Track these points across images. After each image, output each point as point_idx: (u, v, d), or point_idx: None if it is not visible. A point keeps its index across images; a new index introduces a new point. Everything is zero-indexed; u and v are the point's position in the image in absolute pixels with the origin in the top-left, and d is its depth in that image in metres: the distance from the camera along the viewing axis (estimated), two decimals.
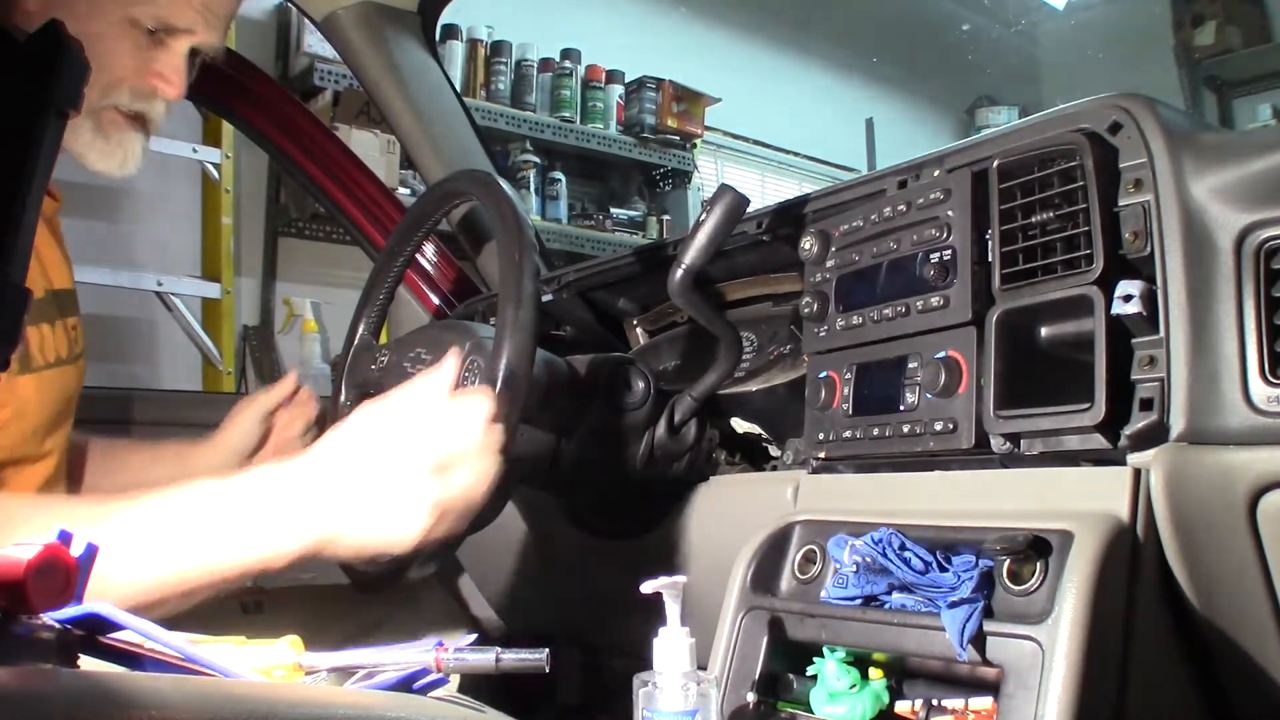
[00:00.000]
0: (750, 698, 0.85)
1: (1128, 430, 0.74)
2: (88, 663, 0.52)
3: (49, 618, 0.49)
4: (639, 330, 1.46)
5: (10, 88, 0.46)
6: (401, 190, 2.99)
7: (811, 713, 0.82)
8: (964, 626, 0.71)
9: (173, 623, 0.62)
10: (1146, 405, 0.73)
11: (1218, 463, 0.70)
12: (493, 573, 1.54)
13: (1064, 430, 0.77)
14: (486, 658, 0.74)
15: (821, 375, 0.98)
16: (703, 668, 0.77)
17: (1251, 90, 4.65)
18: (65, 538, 0.49)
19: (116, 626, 0.53)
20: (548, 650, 0.74)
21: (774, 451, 1.19)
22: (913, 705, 0.80)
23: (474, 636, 0.79)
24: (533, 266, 1.00)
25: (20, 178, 0.46)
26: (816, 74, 4.93)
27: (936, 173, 0.93)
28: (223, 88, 1.64)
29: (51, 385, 1.07)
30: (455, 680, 1.18)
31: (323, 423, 1.30)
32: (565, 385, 1.16)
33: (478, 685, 1.31)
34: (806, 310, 1.00)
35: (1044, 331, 0.82)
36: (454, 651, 0.74)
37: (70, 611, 0.50)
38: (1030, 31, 5.42)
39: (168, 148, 2.74)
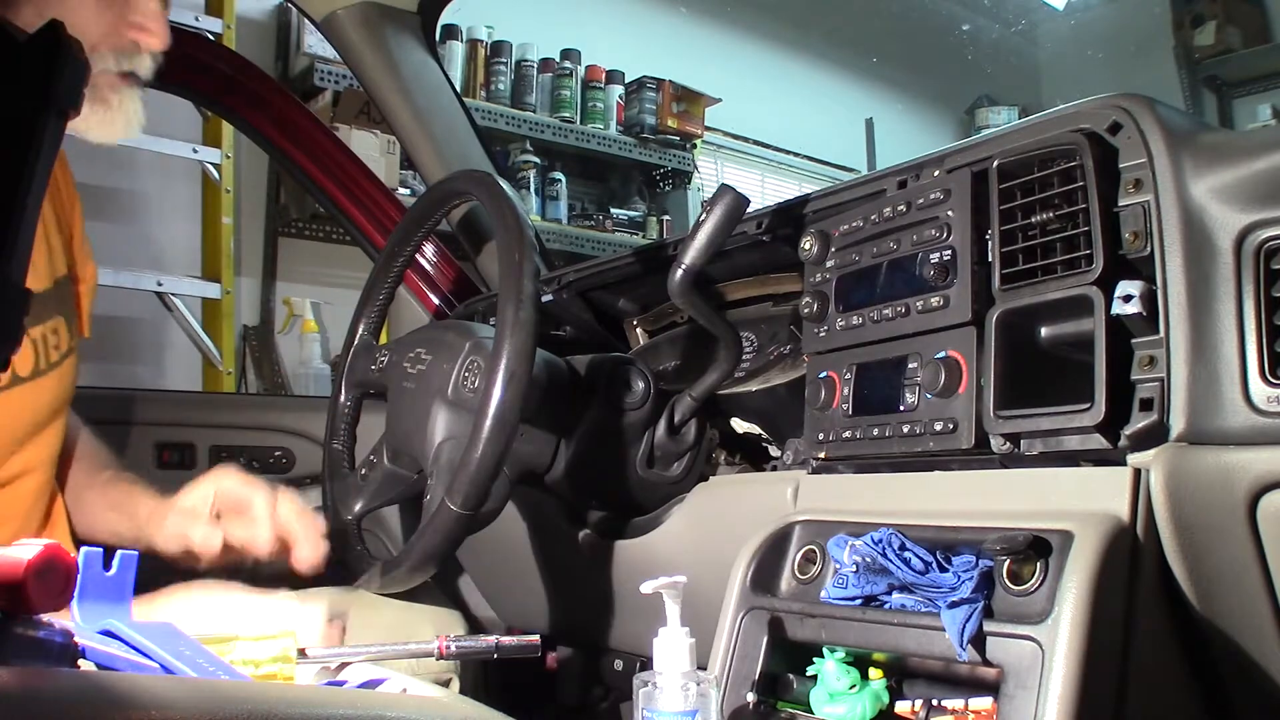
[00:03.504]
0: (750, 698, 0.85)
1: (1128, 430, 0.74)
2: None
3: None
4: (639, 330, 1.46)
5: (10, 88, 0.46)
6: (401, 190, 2.99)
7: (811, 713, 0.82)
8: (964, 626, 0.71)
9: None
10: (1146, 405, 0.73)
11: (1218, 463, 0.70)
12: (493, 573, 1.55)
13: (1064, 430, 0.77)
14: (486, 644, 0.75)
15: (821, 375, 0.98)
16: (703, 668, 0.77)
17: (1251, 90, 4.66)
18: None
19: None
20: (539, 636, 0.75)
21: (774, 451, 1.19)
22: (913, 705, 0.80)
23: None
24: (533, 266, 1.00)
25: (20, 178, 0.46)
26: (816, 74, 4.93)
27: (936, 173, 0.93)
28: (223, 88, 1.64)
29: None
30: (456, 682, 1.18)
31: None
32: (565, 385, 1.16)
33: (478, 686, 1.31)
34: (806, 310, 1.00)
35: (1044, 331, 0.82)
36: (454, 640, 0.75)
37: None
38: (1030, 31, 5.43)
39: (168, 148, 2.74)
